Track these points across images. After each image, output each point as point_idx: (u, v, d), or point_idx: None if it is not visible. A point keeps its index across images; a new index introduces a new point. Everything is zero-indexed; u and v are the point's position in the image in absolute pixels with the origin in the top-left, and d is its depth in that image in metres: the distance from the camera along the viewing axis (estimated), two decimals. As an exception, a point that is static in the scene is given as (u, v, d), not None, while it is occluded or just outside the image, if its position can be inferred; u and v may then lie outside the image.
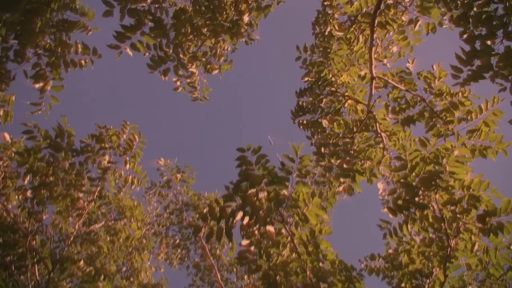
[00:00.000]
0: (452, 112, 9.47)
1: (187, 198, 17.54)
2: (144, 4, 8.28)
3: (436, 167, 7.67)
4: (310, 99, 10.34)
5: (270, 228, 7.17)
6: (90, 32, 8.31)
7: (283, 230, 7.39)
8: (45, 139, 9.95)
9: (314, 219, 7.35)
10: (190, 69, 9.55)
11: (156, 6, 8.50)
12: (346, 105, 10.40)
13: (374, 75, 9.63)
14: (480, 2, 6.23)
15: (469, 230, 7.94)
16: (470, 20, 6.32)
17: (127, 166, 11.09)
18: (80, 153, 10.41)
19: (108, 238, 12.80)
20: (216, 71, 9.88)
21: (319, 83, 10.00)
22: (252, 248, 7.15)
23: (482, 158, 9.10)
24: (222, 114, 42.81)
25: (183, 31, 8.82)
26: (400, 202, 7.45)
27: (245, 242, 7.10)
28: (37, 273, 11.25)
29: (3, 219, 11.19)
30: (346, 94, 10.18)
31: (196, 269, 18.00)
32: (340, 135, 10.34)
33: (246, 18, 9.08)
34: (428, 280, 8.42)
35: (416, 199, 7.53)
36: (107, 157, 10.95)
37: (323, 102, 10.33)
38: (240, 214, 6.65)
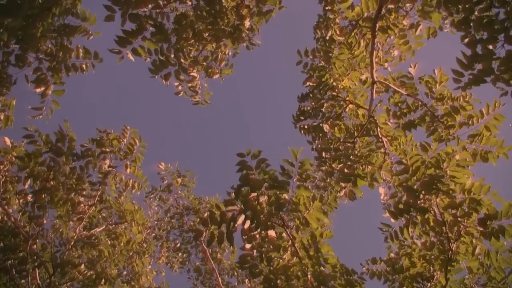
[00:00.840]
0: (453, 116, 9.48)
1: (187, 202, 17.56)
2: (145, 9, 8.29)
3: (437, 171, 7.67)
4: (312, 103, 10.35)
5: (271, 232, 7.18)
6: (91, 37, 8.32)
7: (284, 234, 7.40)
8: (46, 144, 9.96)
9: (315, 223, 7.35)
10: (191, 74, 9.56)
11: (158, 11, 8.51)
12: (347, 109, 10.40)
13: (375, 79, 9.63)
14: (481, 6, 6.25)
15: (470, 234, 7.93)
16: (471, 24, 6.34)
17: (128, 170, 11.11)
18: (81, 158, 10.44)
19: (109, 242, 12.79)
20: (217, 76, 9.89)
21: (321, 87, 10.01)
22: (254, 252, 7.17)
23: (483, 162, 9.11)
24: (223, 118, 42.85)
25: (184, 36, 8.83)
26: (401, 205, 7.46)
27: (247, 246, 7.11)
28: (38, 277, 11.24)
29: (4, 223, 11.20)
30: (347, 98, 10.18)
31: (197, 273, 17.98)
32: (341, 140, 10.35)
33: (247, 23, 9.08)
34: (429, 284, 8.40)
35: (417, 202, 7.53)
36: (107, 162, 10.97)
37: (324, 107, 10.33)
38: (241, 219, 6.67)
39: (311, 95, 10.33)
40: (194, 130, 43.02)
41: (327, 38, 10.31)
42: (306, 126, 10.58)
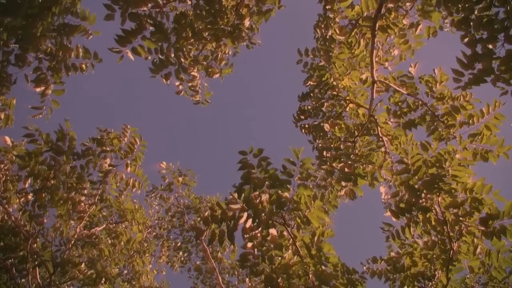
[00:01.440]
0: (454, 116, 9.48)
1: (188, 201, 17.54)
2: (145, 9, 8.28)
3: (439, 170, 7.67)
4: (312, 103, 10.36)
5: (272, 231, 7.18)
6: (91, 36, 8.29)
7: (285, 233, 7.39)
8: (46, 143, 9.97)
9: (316, 221, 7.35)
10: (192, 73, 9.56)
11: (157, 10, 8.50)
12: (347, 109, 10.40)
13: (376, 79, 9.63)
14: (481, 5, 6.24)
15: (472, 233, 7.93)
16: (471, 23, 6.33)
17: (128, 169, 11.12)
18: (81, 157, 10.44)
19: (109, 241, 12.77)
20: (217, 75, 9.89)
21: (321, 87, 10.01)
22: (255, 251, 7.16)
23: (483, 161, 9.12)
24: (224, 118, 42.85)
25: (184, 35, 8.81)
26: (402, 205, 7.45)
27: (248, 245, 7.10)
28: (38, 276, 11.22)
29: (4, 222, 11.18)
30: (348, 98, 10.18)
31: (198, 272, 17.97)
32: (342, 139, 10.35)
33: (247, 22, 9.08)
34: (430, 283, 8.40)
35: (419, 202, 7.53)
36: (108, 160, 10.97)
37: (325, 106, 10.34)
38: (242, 217, 6.67)
39: (311, 94, 10.34)
40: (195, 129, 43.02)
41: (327, 37, 10.31)
42: (306, 126, 10.58)
